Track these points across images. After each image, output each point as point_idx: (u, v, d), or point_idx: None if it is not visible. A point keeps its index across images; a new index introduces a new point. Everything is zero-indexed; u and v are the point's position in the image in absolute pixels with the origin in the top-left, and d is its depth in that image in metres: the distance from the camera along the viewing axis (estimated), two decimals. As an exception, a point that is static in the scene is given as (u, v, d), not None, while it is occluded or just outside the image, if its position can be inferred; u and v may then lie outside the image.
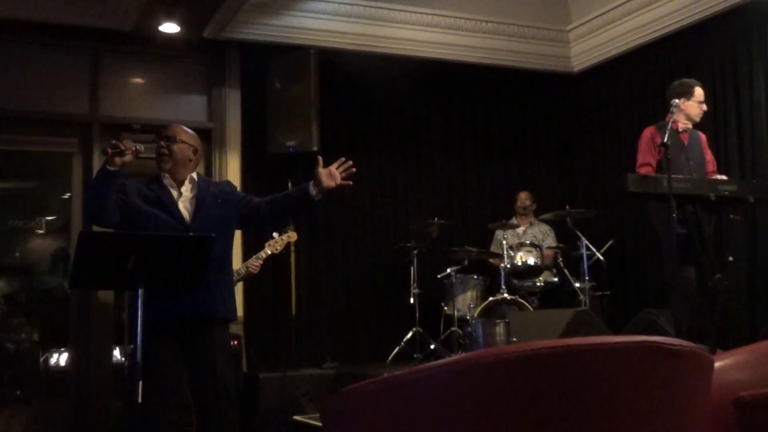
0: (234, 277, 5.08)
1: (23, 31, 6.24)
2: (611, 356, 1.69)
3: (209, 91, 6.93)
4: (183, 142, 3.73)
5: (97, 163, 6.44)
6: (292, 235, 5.33)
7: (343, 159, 3.74)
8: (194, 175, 3.78)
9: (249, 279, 5.43)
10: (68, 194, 6.58)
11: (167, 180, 3.69)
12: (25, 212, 6.66)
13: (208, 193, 3.73)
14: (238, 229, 4.03)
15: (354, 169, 3.74)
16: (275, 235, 5.24)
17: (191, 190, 3.71)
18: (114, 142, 3.36)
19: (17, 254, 6.76)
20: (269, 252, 5.20)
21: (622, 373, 1.69)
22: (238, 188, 6.67)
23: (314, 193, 3.70)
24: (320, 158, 3.77)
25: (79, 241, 3.06)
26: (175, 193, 3.68)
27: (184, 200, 3.67)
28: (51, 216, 6.72)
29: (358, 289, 7.17)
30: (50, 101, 6.39)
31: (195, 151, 3.78)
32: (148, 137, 3.89)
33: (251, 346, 6.56)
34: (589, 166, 7.67)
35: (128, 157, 3.35)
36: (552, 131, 8.03)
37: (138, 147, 3.40)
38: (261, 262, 5.19)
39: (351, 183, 3.80)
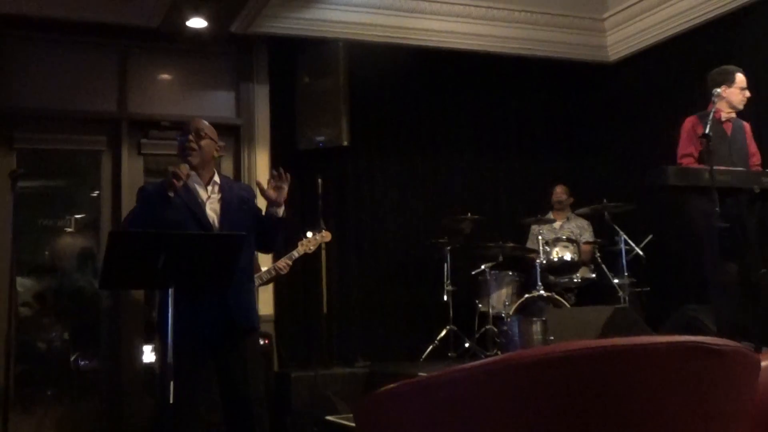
0: (261, 280, 5.13)
1: (50, 30, 6.33)
2: (652, 357, 1.67)
3: (237, 86, 6.97)
4: (209, 137, 3.70)
5: (126, 161, 6.53)
6: (326, 235, 5.35)
7: (276, 173, 3.69)
8: (216, 175, 3.72)
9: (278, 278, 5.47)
10: (97, 192, 6.66)
11: (194, 178, 3.61)
12: (54, 211, 6.73)
13: (234, 195, 3.68)
14: None
15: (288, 175, 3.70)
16: (309, 234, 5.26)
17: (217, 191, 3.65)
18: (175, 170, 3.36)
19: (47, 253, 6.85)
20: (302, 251, 5.22)
21: (664, 374, 1.68)
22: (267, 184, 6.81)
23: (272, 211, 3.65)
24: (258, 182, 3.74)
25: (110, 241, 3.10)
26: (202, 193, 3.62)
27: (212, 202, 3.61)
28: (80, 214, 6.79)
29: (390, 287, 7.18)
30: (78, 99, 6.47)
31: (217, 148, 3.75)
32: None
33: (282, 344, 6.60)
34: (626, 158, 7.59)
35: (182, 183, 3.41)
36: (588, 123, 7.96)
37: (189, 171, 3.48)
38: (291, 262, 5.20)
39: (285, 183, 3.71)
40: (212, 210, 3.60)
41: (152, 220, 3.35)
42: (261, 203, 3.79)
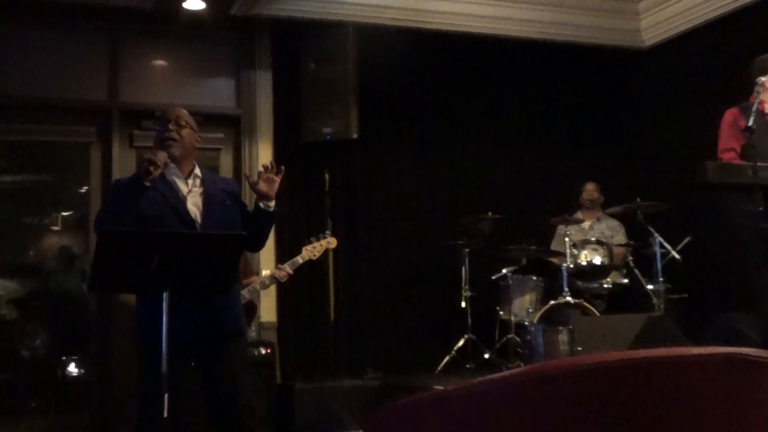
0: (258, 286, 5.14)
1: (34, 11, 6.35)
2: (689, 369, 1.67)
3: (237, 74, 6.99)
4: (190, 127, 3.71)
5: (117, 154, 6.55)
6: (331, 241, 5.37)
7: (267, 165, 3.70)
8: (197, 168, 3.72)
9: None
10: (86, 188, 6.69)
11: (173, 171, 3.61)
12: (39, 207, 6.77)
13: (217, 190, 3.69)
14: None
15: (282, 168, 3.71)
16: (313, 240, 5.30)
17: (199, 185, 3.66)
18: (151, 158, 3.35)
19: (31, 253, 6.88)
20: (306, 257, 5.24)
21: (702, 388, 1.67)
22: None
23: (263, 206, 3.66)
24: (247, 174, 3.78)
25: (99, 240, 3.11)
26: (183, 187, 3.62)
27: (194, 197, 3.62)
28: (67, 211, 6.82)
29: (403, 292, 7.18)
30: (65, 87, 6.50)
31: (198, 139, 3.77)
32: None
33: (286, 354, 6.62)
34: (661, 152, 7.56)
35: (159, 171, 3.40)
36: (620, 114, 7.94)
37: (167, 160, 3.49)
38: (292, 271, 5.19)
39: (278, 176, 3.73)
40: (194, 205, 3.60)
41: (127, 215, 3.35)
42: (248, 199, 3.82)
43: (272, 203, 3.67)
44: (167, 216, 3.50)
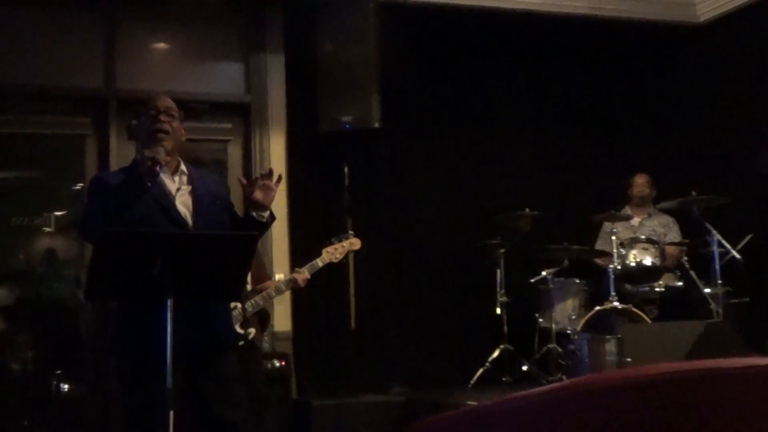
0: (272, 291, 5.14)
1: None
2: (753, 381, 1.67)
3: (246, 57, 7.01)
4: (179, 118, 3.73)
5: (115, 147, 6.58)
6: (354, 242, 5.35)
7: (264, 172, 3.68)
8: (182, 163, 3.73)
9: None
10: (80, 185, 6.73)
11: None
12: (29, 207, 6.79)
13: (206, 188, 3.70)
14: None
15: (280, 176, 3.71)
16: (334, 241, 5.27)
17: (186, 182, 3.66)
18: (155, 156, 3.36)
19: (21, 257, 6.92)
20: (326, 260, 5.23)
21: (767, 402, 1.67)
22: (283, 173, 6.84)
23: (255, 215, 3.65)
24: (241, 179, 3.75)
25: (96, 242, 3.14)
26: (170, 185, 3.62)
27: (182, 195, 3.63)
28: (60, 211, 6.85)
29: (432, 297, 7.19)
30: (57, 74, 6.53)
31: (183, 132, 3.78)
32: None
33: (302, 367, 6.63)
34: (720, 140, 7.51)
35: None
36: (673, 97, 7.89)
37: (166, 158, 3.51)
38: (309, 276, 5.17)
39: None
40: (183, 204, 3.61)
41: (120, 218, 3.35)
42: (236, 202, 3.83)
43: (266, 213, 3.66)
44: (156, 216, 3.50)
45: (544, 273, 6.62)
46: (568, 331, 6.38)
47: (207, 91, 6.79)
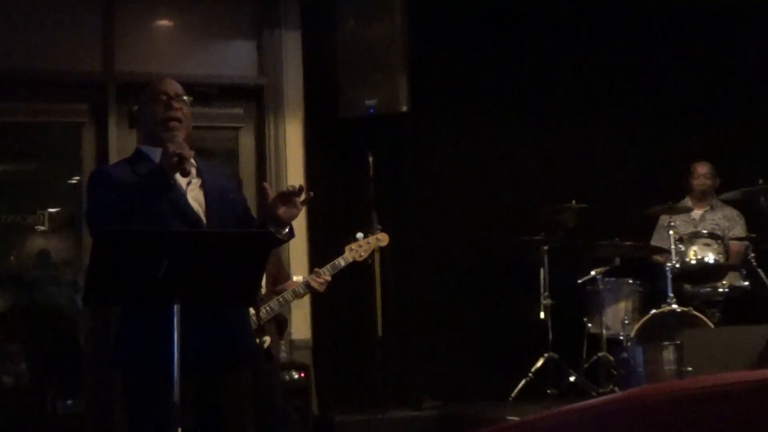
0: (288, 295, 5.13)
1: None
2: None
3: (259, 35, 7.03)
4: (189, 105, 3.72)
5: (115, 136, 6.62)
6: (382, 238, 5.28)
7: (294, 188, 3.59)
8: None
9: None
10: (77, 178, 6.78)
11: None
12: (21, 203, 6.84)
13: (218, 183, 3.68)
14: None
15: (311, 194, 3.65)
16: (359, 236, 5.21)
17: (196, 175, 3.64)
18: (182, 152, 3.33)
19: (12, 258, 6.97)
20: (350, 259, 5.17)
21: None
22: (300, 163, 6.85)
23: (273, 230, 3.57)
24: (266, 186, 3.70)
25: (96, 241, 3.15)
26: (180, 179, 3.56)
27: (193, 190, 3.61)
28: (55, 207, 6.89)
29: (467, 300, 7.19)
30: (50, 57, 6.58)
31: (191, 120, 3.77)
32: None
33: (323, 379, 6.66)
34: (790, 123, 7.47)
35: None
36: (737, 75, 7.83)
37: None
38: (330, 277, 5.12)
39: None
40: (194, 200, 3.59)
41: (132, 216, 3.33)
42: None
43: (285, 230, 3.62)
44: (166, 214, 3.48)
45: (593, 272, 6.59)
46: (621, 338, 6.36)
47: (215, 74, 6.81)
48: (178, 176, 3.54)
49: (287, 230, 3.60)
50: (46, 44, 6.57)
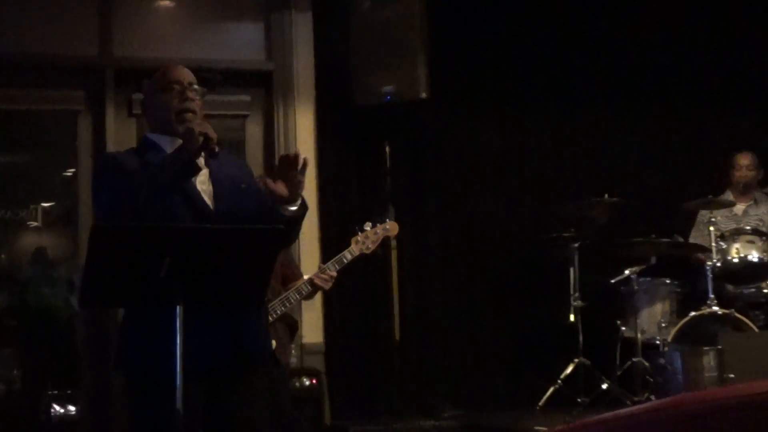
0: (292, 296, 5.13)
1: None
2: None
3: (267, 16, 7.04)
4: (202, 94, 3.73)
5: (113, 125, 6.63)
6: (391, 227, 5.26)
7: (289, 156, 3.57)
8: None
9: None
10: (72, 170, 6.80)
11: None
12: (13, 197, 6.85)
13: (228, 173, 3.69)
14: None
15: (306, 160, 3.62)
16: (366, 227, 5.19)
17: (203, 165, 3.62)
18: (208, 133, 3.37)
19: (4, 257, 6.99)
20: (357, 252, 5.17)
21: None
22: (312, 154, 6.85)
23: (284, 209, 3.57)
24: (264, 180, 3.69)
25: (92, 238, 3.14)
26: None
27: (202, 181, 3.61)
28: (49, 202, 6.91)
29: (491, 302, 7.19)
30: (44, 41, 6.58)
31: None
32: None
33: (336, 386, 6.65)
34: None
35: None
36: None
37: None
38: (335, 273, 5.11)
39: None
40: (204, 191, 3.60)
41: (160, 210, 3.36)
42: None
43: (294, 206, 3.61)
44: (177, 207, 3.49)
45: (627, 272, 6.57)
46: (657, 342, 6.35)
47: (220, 58, 6.81)
48: None
49: (299, 202, 3.58)
50: (39, 27, 6.58)
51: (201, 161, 3.56)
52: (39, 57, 6.60)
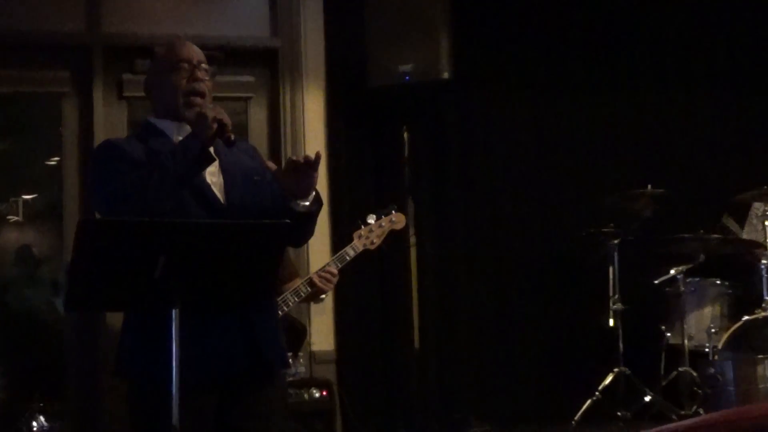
0: (290, 298, 5.13)
1: None
2: None
3: (272, -12, 7.05)
4: (211, 75, 3.75)
5: (101, 109, 6.64)
6: (397, 219, 5.25)
7: (297, 161, 3.55)
8: None
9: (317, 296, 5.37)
10: (56, 159, 6.81)
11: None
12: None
13: (239, 163, 3.72)
14: None
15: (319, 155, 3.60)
16: (370, 219, 5.19)
17: (213, 154, 3.61)
18: (222, 118, 3.37)
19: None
20: (360, 248, 5.16)
21: None
22: (322, 141, 6.84)
23: (295, 204, 3.57)
24: (271, 165, 3.68)
25: (79, 234, 3.13)
26: None
27: (212, 175, 3.63)
28: (30, 194, 6.92)
29: (521, 306, 7.19)
30: (25, 15, 6.58)
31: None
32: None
33: (349, 399, 6.65)
34: None
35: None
36: None
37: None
38: (336, 271, 5.10)
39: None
40: (214, 184, 3.62)
41: (158, 202, 3.34)
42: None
43: (306, 201, 3.63)
44: (188, 200, 3.50)
45: (672, 271, 6.56)
46: (706, 350, 6.33)
47: (220, 34, 6.81)
48: None
49: (312, 197, 3.60)
50: (19, 0, 6.60)
51: (210, 150, 3.56)
52: (17, 34, 6.60)
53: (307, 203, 3.57)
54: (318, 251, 6.56)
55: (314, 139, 6.86)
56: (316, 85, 6.94)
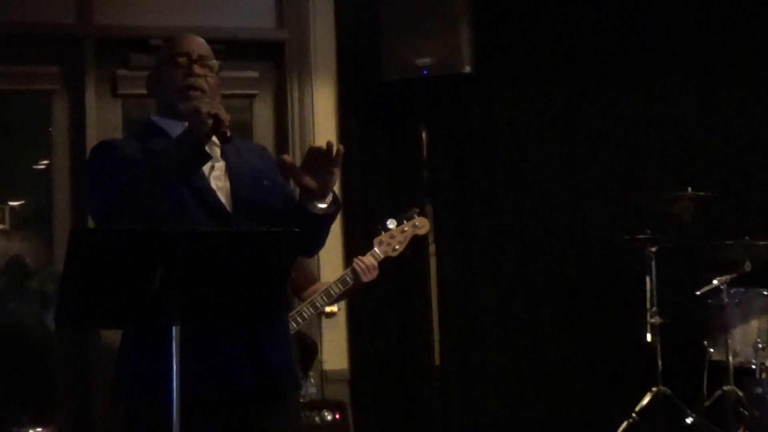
0: (306, 310, 5.13)
1: None
2: None
3: (279, -23, 7.05)
4: (217, 70, 3.75)
5: (94, 107, 6.65)
6: (420, 224, 5.27)
7: (321, 148, 3.52)
8: None
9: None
10: (46, 161, 6.81)
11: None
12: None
13: (243, 162, 3.71)
14: None
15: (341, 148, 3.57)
16: (390, 224, 5.19)
17: (219, 157, 3.66)
18: (219, 114, 3.33)
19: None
20: (381, 256, 5.17)
21: None
22: (334, 139, 6.84)
23: (309, 207, 3.55)
24: (286, 159, 3.65)
25: (71, 244, 3.12)
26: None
27: (216, 175, 3.64)
28: (18, 200, 6.93)
29: (550, 319, 7.18)
30: (11, 7, 6.59)
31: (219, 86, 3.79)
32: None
33: (365, 420, 6.66)
34: None
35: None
36: None
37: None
38: (374, 262, 5.12)
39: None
40: (219, 189, 3.62)
41: (154, 207, 3.34)
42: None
43: (324, 204, 3.60)
44: (190, 206, 3.51)
45: (715, 281, 6.54)
46: (753, 367, 6.31)
47: (222, 26, 6.81)
48: None
49: (330, 199, 3.58)
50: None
51: (216, 152, 3.58)
52: (4, 26, 6.60)
53: (325, 205, 3.56)
54: (329, 259, 6.56)
55: (324, 139, 6.74)
56: (326, 80, 6.95)
